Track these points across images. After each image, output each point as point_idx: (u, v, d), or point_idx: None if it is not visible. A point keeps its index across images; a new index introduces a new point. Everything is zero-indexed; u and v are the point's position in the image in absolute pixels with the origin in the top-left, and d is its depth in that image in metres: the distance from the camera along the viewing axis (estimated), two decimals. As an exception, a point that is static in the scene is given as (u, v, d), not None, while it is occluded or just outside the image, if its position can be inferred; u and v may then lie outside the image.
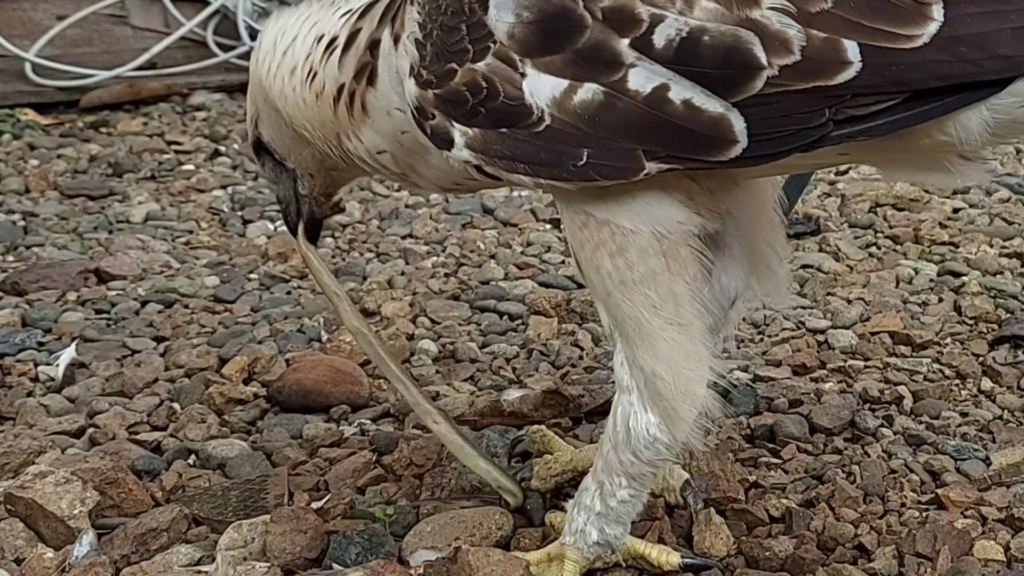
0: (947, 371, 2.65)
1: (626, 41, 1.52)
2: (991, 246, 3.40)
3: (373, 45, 1.79)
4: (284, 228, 2.13)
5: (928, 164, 1.64)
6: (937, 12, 1.47)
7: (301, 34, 1.92)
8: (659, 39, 1.51)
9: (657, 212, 1.64)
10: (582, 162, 1.57)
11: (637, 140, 1.55)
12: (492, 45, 1.57)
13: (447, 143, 1.63)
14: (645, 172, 1.56)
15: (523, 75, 1.56)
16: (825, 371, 2.63)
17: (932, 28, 1.47)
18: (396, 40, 1.71)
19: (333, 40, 1.86)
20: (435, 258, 3.43)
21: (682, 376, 1.70)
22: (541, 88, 1.56)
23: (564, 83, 1.55)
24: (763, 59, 1.49)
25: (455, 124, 1.62)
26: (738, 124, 1.52)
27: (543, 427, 2.25)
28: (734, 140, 1.53)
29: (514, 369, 2.71)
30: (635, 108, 1.53)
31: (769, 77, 1.49)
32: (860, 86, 1.49)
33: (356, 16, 1.84)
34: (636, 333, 1.69)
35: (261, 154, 2.11)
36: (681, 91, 1.52)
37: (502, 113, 1.58)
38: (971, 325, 2.89)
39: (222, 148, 4.58)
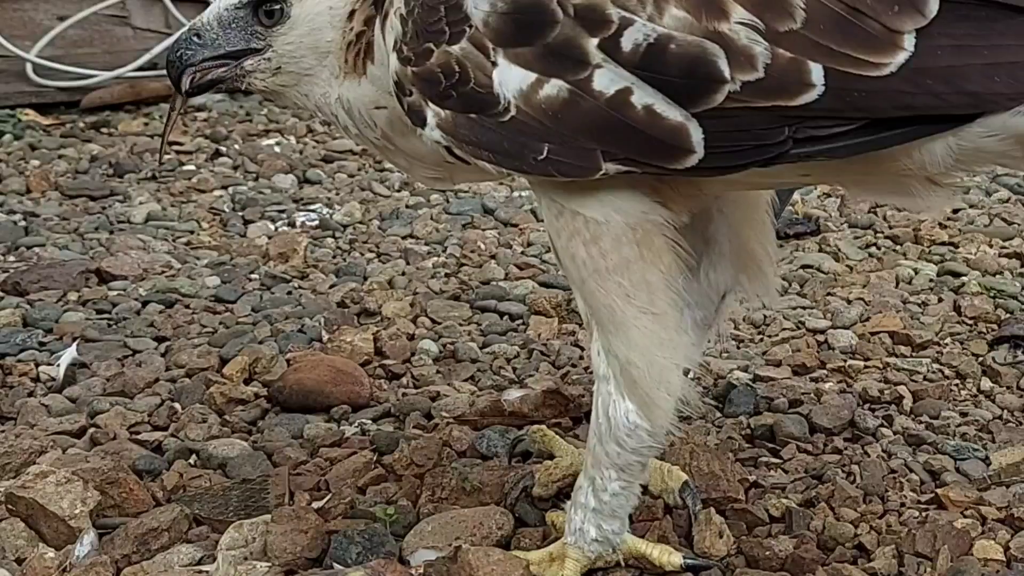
0: (947, 371, 2.65)
1: (595, 41, 1.54)
2: (991, 246, 3.40)
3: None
4: (285, 228, 2.12)
5: (893, 188, 1.65)
6: (908, 42, 1.47)
7: None
8: (627, 42, 1.53)
9: (623, 204, 1.65)
10: (542, 156, 1.59)
11: (597, 140, 1.56)
12: (468, 30, 1.59)
13: (421, 121, 1.65)
14: (602, 172, 1.58)
15: (494, 64, 1.58)
16: (825, 371, 2.64)
17: (901, 58, 1.47)
18: (386, 15, 1.72)
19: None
20: (436, 258, 3.43)
21: (656, 364, 1.71)
22: (510, 79, 1.58)
23: (532, 76, 1.57)
24: (726, 73, 1.50)
25: (429, 104, 1.64)
26: (696, 135, 1.53)
27: (543, 427, 2.26)
28: (691, 150, 1.54)
29: (514, 369, 2.71)
30: (597, 108, 1.55)
31: (731, 92, 1.50)
32: (821, 109, 1.49)
33: None
34: (610, 321, 1.70)
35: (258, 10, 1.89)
36: (643, 96, 1.53)
37: (471, 99, 1.60)
38: (971, 325, 2.89)
39: (223, 148, 4.58)
